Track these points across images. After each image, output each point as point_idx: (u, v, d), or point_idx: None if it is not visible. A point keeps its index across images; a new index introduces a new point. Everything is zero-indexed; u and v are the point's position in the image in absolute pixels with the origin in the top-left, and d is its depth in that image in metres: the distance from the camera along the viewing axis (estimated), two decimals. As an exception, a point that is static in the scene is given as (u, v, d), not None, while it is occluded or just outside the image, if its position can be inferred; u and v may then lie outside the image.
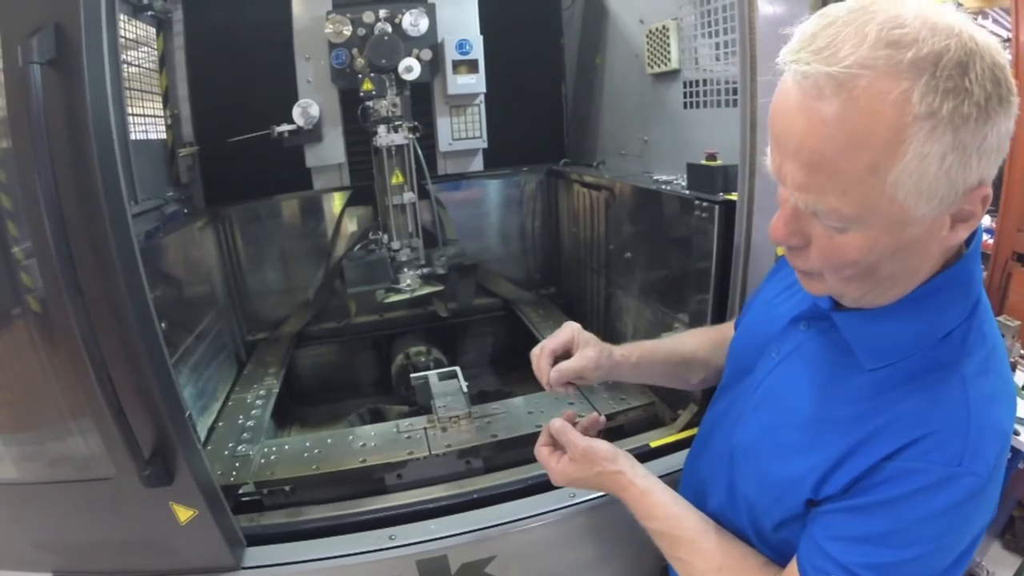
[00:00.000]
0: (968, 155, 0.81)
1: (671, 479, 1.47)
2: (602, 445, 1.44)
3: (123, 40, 2.47)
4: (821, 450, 1.05)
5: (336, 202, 3.46)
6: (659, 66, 2.64)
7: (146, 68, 2.72)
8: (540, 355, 1.53)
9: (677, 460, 1.95)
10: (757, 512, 1.20)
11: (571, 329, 1.54)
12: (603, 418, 1.59)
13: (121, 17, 2.44)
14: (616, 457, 1.42)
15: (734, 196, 1.96)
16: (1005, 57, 0.82)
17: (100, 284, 1.30)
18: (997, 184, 0.90)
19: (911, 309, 1.00)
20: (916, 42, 0.79)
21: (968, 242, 1.01)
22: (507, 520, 1.83)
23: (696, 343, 1.69)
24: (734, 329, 1.62)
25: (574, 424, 1.52)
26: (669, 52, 2.55)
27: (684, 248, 2.28)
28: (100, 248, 1.29)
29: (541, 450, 1.52)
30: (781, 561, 1.18)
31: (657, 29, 2.60)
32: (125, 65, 2.47)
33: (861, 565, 1.01)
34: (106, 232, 1.29)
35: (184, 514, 1.56)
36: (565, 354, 1.54)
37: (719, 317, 2.06)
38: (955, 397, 0.96)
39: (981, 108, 0.79)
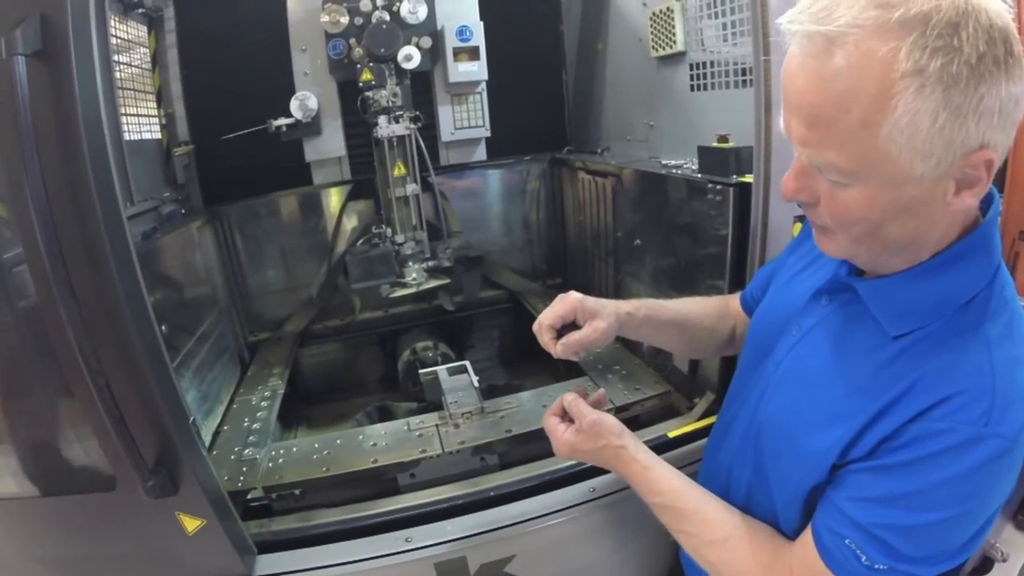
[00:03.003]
0: (963, 115, 0.83)
1: (691, 470, 1.46)
2: (610, 419, 1.45)
3: (114, 40, 2.42)
4: (850, 417, 1.05)
5: (337, 197, 3.40)
6: (664, 49, 2.58)
7: (138, 67, 2.67)
8: (540, 330, 1.50)
9: (696, 450, 1.95)
10: (789, 490, 1.18)
11: (572, 301, 1.50)
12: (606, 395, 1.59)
13: (112, 17, 2.39)
14: (622, 433, 1.43)
15: (748, 178, 1.91)
16: (1009, 20, 0.84)
17: (95, 288, 1.25)
18: (1002, 163, 0.93)
19: (932, 275, 1.02)
20: (906, 2, 0.81)
21: (986, 210, 1.03)
22: (526, 518, 1.80)
23: (702, 310, 1.69)
24: (739, 302, 1.66)
25: (585, 399, 1.52)
26: (674, 34, 2.49)
27: (697, 233, 2.23)
28: (94, 250, 1.24)
29: (550, 419, 1.52)
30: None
31: (661, 11, 2.54)
32: (117, 65, 2.42)
33: (879, 526, 1.01)
34: (100, 232, 1.23)
35: (191, 524, 1.52)
36: (572, 323, 1.51)
37: (735, 303, 2.00)
38: (980, 359, 0.96)
39: (972, 67, 0.80)
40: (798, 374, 1.21)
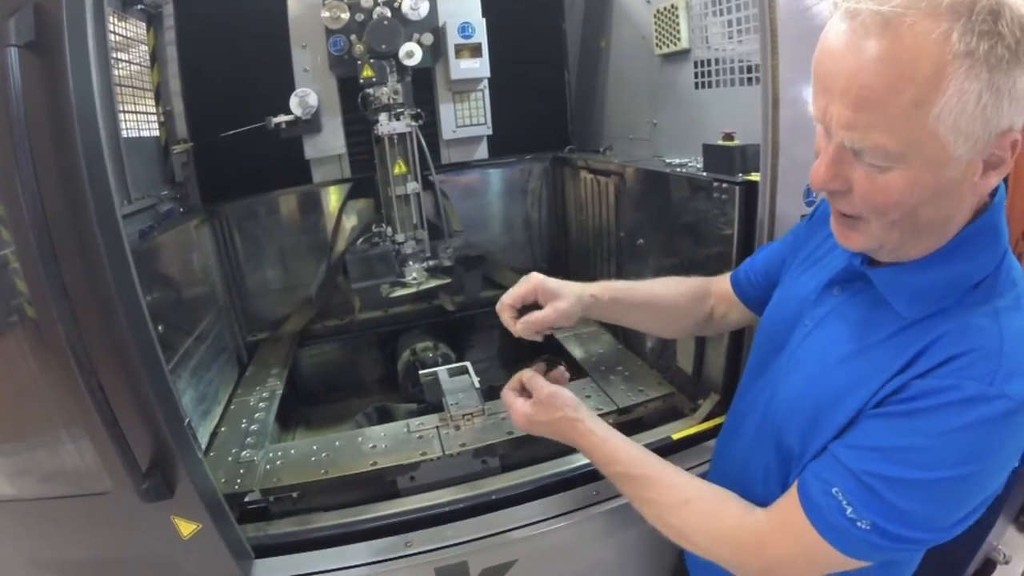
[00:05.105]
0: (1001, 97, 0.86)
1: (697, 471, 1.45)
2: (566, 392, 1.50)
3: (113, 36, 2.39)
4: (865, 384, 1.07)
5: (336, 195, 3.37)
6: (668, 46, 2.56)
7: (137, 64, 2.64)
8: (501, 309, 1.59)
9: (701, 453, 1.94)
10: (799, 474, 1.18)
11: (533, 282, 1.56)
12: (567, 373, 1.64)
13: (110, 13, 2.37)
14: (578, 406, 1.48)
15: (755, 176, 1.89)
16: None
17: (88, 285, 1.22)
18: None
19: (944, 259, 1.05)
20: None
21: (992, 195, 1.07)
22: (528, 522, 1.78)
23: (676, 291, 1.73)
24: (727, 282, 1.69)
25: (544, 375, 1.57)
26: (678, 31, 2.47)
27: (702, 232, 2.20)
28: (87, 247, 1.21)
29: (507, 393, 1.57)
30: None
31: (666, 8, 2.52)
32: (115, 62, 2.40)
33: (870, 474, 1.02)
34: (93, 229, 1.20)
35: (187, 528, 1.50)
36: (534, 303, 1.57)
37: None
38: (988, 325, 0.99)
39: (1012, 51, 0.84)
40: (812, 358, 1.22)
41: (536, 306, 1.56)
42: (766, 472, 1.29)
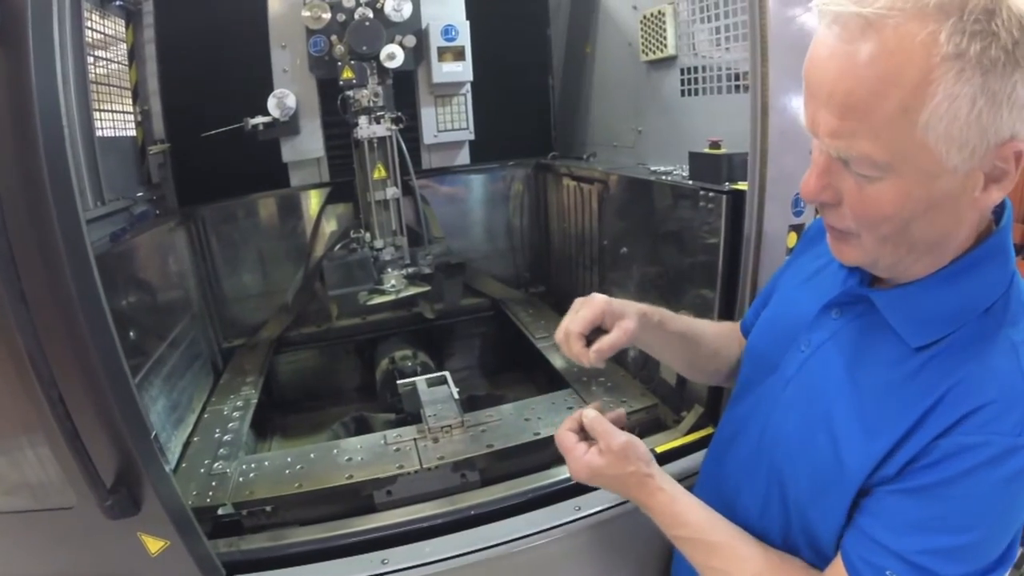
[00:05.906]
0: (998, 102, 0.81)
1: (685, 484, 1.39)
2: (641, 445, 1.35)
3: (90, 33, 2.34)
4: (882, 433, 1.01)
5: (315, 200, 3.33)
6: (654, 53, 2.54)
7: (115, 62, 2.59)
8: (567, 340, 1.39)
9: (685, 465, 1.90)
10: (808, 515, 1.14)
11: (600, 304, 1.39)
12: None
13: (88, 10, 2.31)
14: (651, 460, 1.34)
15: (741, 185, 1.87)
16: None
17: (47, 291, 1.16)
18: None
19: (951, 282, 1.00)
20: None
21: (999, 219, 1.02)
22: (508, 538, 1.72)
23: (712, 331, 1.62)
24: (740, 330, 1.60)
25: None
26: (665, 38, 2.46)
27: (687, 242, 2.18)
28: (47, 251, 1.15)
29: (568, 435, 1.40)
30: (823, 566, 1.13)
31: (652, 15, 2.51)
32: (92, 59, 2.34)
33: (919, 552, 0.97)
34: (54, 233, 1.14)
35: (154, 545, 1.44)
36: (597, 328, 1.40)
37: (727, 313, 1.97)
38: (1008, 365, 0.94)
39: (1009, 53, 0.79)
40: (813, 391, 1.16)
41: (599, 330, 1.39)
42: (764, 506, 1.25)
